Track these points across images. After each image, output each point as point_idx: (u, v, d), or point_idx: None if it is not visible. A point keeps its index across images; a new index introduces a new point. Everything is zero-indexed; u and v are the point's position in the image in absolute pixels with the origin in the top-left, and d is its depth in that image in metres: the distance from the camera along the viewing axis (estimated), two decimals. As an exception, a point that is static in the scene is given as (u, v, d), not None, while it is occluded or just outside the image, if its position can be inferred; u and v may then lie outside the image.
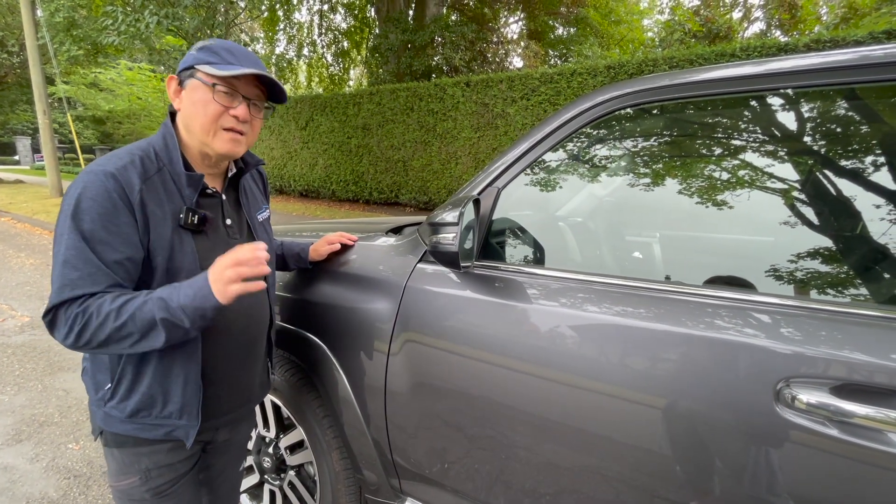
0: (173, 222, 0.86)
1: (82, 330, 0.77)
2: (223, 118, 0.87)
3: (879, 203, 0.79)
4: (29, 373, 2.81)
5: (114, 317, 0.77)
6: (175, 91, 0.89)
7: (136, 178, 0.82)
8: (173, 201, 0.87)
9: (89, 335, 0.78)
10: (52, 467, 1.97)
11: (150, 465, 0.92)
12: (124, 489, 0.93)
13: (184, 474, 0.97)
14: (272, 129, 10.99)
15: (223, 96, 0.86)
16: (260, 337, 1.05)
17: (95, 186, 0.79)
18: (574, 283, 0.96)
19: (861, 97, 0.84)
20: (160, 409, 0.89)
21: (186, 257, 0.86)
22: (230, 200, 1.00)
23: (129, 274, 0.82)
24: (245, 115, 0.89)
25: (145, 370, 0.88)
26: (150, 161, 0.86)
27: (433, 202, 8.56)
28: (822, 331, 0.71)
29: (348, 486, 1.32)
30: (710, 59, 6.05)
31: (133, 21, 6.56)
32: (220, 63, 0.86)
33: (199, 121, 0.87)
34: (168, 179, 0.87)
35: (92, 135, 20.37)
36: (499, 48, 13.46)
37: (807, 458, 0.69)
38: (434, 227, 0.97)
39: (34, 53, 9.46)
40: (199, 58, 0.86)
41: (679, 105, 1.00)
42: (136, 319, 0.77)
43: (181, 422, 0.90)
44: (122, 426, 0.90)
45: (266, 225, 1.10)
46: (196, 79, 0.86)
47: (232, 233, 0.97)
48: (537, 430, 0.94)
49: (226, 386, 0.98)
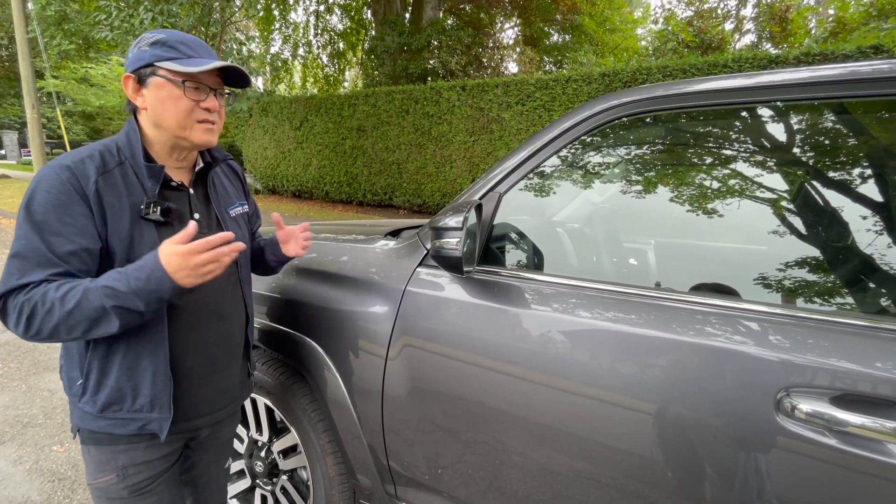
0: (133, 214, 0.86)
1: (30, 318, 0.77)
2: (195, 112, 0.89)
3: (866, 214, 0.81)
4: (13, 372, 2.75)
5: (59, 305, 0.77)
6: (134, 90, 0.88)
7: (93, 171, 0.83)
8: (134, 193, 0.87)
9: (38, 324, 0.77)
10: (36, 470, 1.92)
11: (127, 462, 0.92)
12: (102, 487, 0.93)
13: (162, 472, 0.96)
14: (266, 129, 10.92)
15: (193, 91, 0.88)
16: (235, 334, 1.04)
17: (50, 179, 0.80)
18: (575, 289, 0.97)
19: (849, 111, 0.86)
20: (131, 402, 0.89)
21: (145, 249, 0.85)
22: (199, 195, 0.99)
23: (86, 265, 0.82)
24: (215, 105, 0.91)
25: (112, 364, 0.87)
26: (111, 155, 0.87)
27: (427, 205, 8.56)
28: (824, 341, 0.71)
29: (342, 492, 1.30)
30: (702, 69, 6.13)
31: (127, 17, 6.48)
32: (181, 58, 0.86)
33: (173, 118, 0.87)
34: (129, 172, 0.87)
35: (81, 130, 20.09)
36: (495, 53, 13.53)
37: (806, 468, 0.69)
38: (437, 231, 0.97)
39: (24, 47, 9.32)
40: (158, 54, 0.86)
41: (674, 115, 1.01)
42: (81, 308, 0.77)
43: (153, 415, 0.90)
44: (95, 423, 0.89)
45: (240, 220, 1.08)
46: (160, 76, 0.86)
47: (201, 226, 0.96)
48: (542, 437, 0.93)
49: (202, 384, 0.98)
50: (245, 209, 1.11)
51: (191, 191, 0.97)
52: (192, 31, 6.91)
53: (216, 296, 0.98)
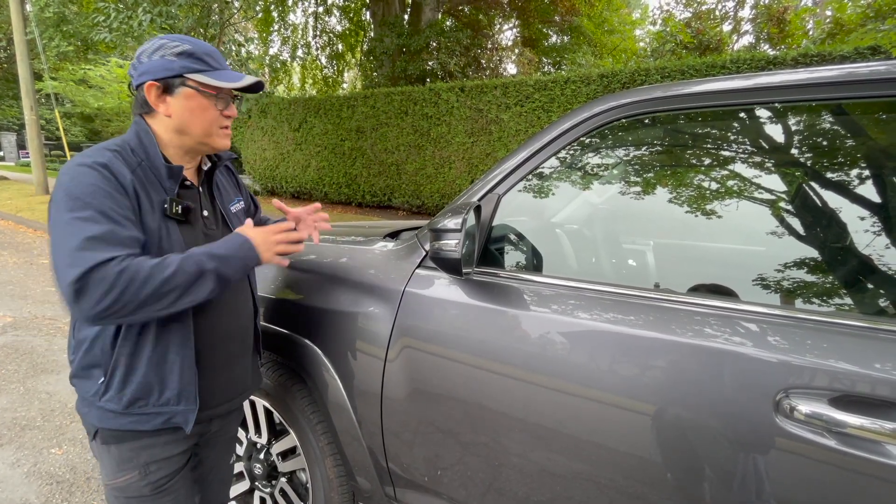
0: (159, 212, 0.89)
1: (124, 289, 0.75)
2: (219, 119, 0.95)
3: (864, 214, 0.81)
4: (10, 375, 2.74)
5: (158, 271, 0.78)
6: (158, 97, 0.91)
7: (125, 168, 0.86)
8: (156, 192, 0.90)
9: (131, 294, 0.76)
10: (34, 473, 1.92)
11: (149, 458, 0.93)
12: (122, 486, 0.93)
13: (181, 468, 0.98)
14: (265, 130, 10.91)
15: (221, 102, 0.94)
16: (248, 325, 1.08)
17: (87, 174, 0.81)
18: (574, 290, 0.97)
19: (847, 112, 0.86)
20: (157, 396, 0.90)
21: (175, 246, 0.89)
22: (205, 193, 1.03)
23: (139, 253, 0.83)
24: (235, 113, 0.98)
25: (140, 359, 0.89)
26: (130, 156, 0.89)
27: (426, 206, 8.56)
28: (823, 342, 0.71)
29: (342, 494, 1.30)
30: (700, 71, 6.14)
31: (126, 18, 6.47)
32: (208, 70, 0.92)
33: (200, 126, 0.93)
34: (149, 173, 0.90)
35: (80, 132, 20.06)
36: (493, 54, 13.55)
37: (806, 470, 0.69)
38: (436, 233, 0.97)
39: (22, 48, 9.30)
40: (188, 66, 0.90)
41: (672, 116, 1.02)
42: (179, 273, 0.80)
43: (179, 407, 0.92)
44: (118, 421, 0.90)
45: (240, 215, 1.13)
46: (189, 87, 0.90)
47: (209, 223, 1.00)
48: (541, 438, 0.93)
49: (221, 374, 1.01)
50: (242, 205, 1.16)
51: (200, 189, 1.01)
52: (191, 32, 6.90)
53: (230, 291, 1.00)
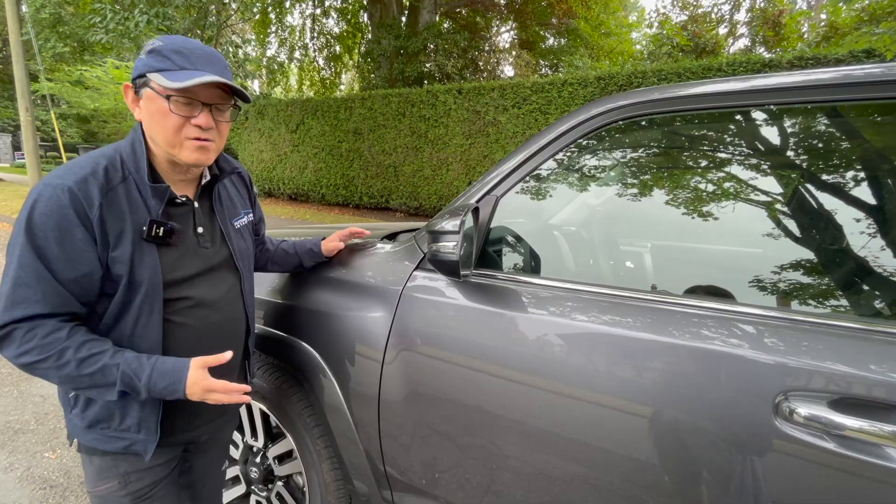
0: (135, 235, 0.82)
1: (36, 362, 0.78)
2: (185, 129, 0.82)
3: (861, 216, 0.81)
4: (4, 378, 2.71)
5: (73, 367, 0.78)
6: (133, 100, 0.85)
7: (97, 192, 0.78)
8: (137, 212, 0.83)
9: (41, 371, 0.78)
10: (28, 477, 1.89)
11: (129, 468, 0.91)
12: (103, 494, 0.92)
13: (164, 478, 0.96)
14: (262, 132, 10.90)
15: (181, 107, 0.80)
16: (235, 347, 1.01)
17: (50, 200, 0.76)
18: (572, 292, 0.96)
19: (843, 114, 0.86)
20: (118, 422, 0.88)
21: (146, 271, 0.83)
22: (203, 208, 0.95)
23: (85, 291, 0.80)
24: (208, 122, 0.83)
25: None
26: (115, 170, 0.82)
27: (423, 208, 8.56)
28: (821, 344, 0.71)
29: (338, 498, 1.29)
30: (697, 73, 6.18)
31: (122, 19, 6.46)
32: (172, 69, 0.79)
33: (161, 134, 0.82)
34: (133, 189, 0.83)
35: (76, 133, 19.98)
36: (491, 57, 13.58)
37: (806, 472, 0.69)
38: (434, 235, 0.96)
39: (18, 49, 9.25)
40: (150, 64, 0.80)
41: (669, 118, 1.02)
42: (94, 377, 0.79)
43: (139, 436, 0.88)
44: (85, 436, 0.89)
45: (244, 231, 1.05)
46: (150, 88, 0.80)
47: (203, 241, 0.93)
48: (539, 441, 0.93)
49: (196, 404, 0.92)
50: (250, 218, 1.09)
51: (195, 204, 0.93)
52: (188, 34, 6.89)
53: (220, 312, 0.96)
